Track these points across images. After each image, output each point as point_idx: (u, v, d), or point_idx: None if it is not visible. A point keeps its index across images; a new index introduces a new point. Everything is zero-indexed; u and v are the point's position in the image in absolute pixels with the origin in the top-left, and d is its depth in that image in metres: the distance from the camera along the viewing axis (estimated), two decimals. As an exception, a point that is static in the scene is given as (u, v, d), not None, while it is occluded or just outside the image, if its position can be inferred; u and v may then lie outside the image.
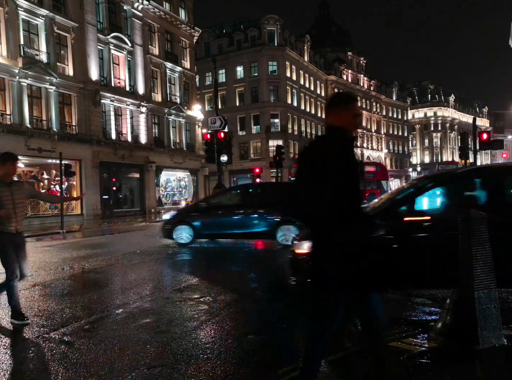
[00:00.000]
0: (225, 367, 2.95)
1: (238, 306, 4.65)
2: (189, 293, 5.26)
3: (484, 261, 3.02)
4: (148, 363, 3.08)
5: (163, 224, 10.46)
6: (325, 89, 54.36)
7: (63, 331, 3.85)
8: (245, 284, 5.78)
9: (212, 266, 7.63)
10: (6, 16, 19.19)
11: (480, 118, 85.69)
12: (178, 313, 4.43)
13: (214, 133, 16.18)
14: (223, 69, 43.37)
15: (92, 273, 6.94)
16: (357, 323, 2.73)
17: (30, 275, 6.69)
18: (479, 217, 3.07)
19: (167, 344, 3.45)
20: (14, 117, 19.39)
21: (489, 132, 14.79)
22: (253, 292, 5.35)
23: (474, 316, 2.97)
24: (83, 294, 5.35)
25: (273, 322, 4.01)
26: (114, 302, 4.90)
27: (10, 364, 3.15)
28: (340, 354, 3.06)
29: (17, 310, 4.03)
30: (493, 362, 2.88)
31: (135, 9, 26.47)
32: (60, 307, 4.71)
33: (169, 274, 7.08)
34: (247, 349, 3.30)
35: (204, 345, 3.43)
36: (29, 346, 3.52)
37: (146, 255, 8.88)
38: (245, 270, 7.06)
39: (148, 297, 5.08)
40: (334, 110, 2.38)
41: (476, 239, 3.02)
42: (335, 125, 2.34)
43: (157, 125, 28.70)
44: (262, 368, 2.94)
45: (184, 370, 2.94)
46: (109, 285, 6.06)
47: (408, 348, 3.06)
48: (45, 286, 5.93)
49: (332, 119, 2.37)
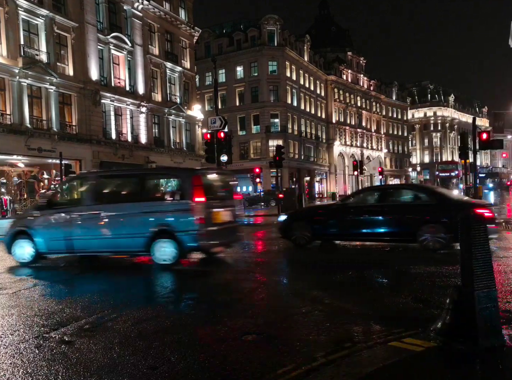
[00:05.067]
0: (224, 367, 2.95)
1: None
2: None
3: (484, 261, 3.02)
4: (148, 363, 3.08)
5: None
6: (325, 89, 54.34)
7: (63, 331, 3.85)
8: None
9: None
10: (6, 16, 19.19)
11: (480, 118, 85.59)
12: (178, 313, 4.43)
13: (214, 133, 16.18)
14: (223, 69, 43.37)
15: (92, 273, 6.94)
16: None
17: (30, 275, 6.71)
18: (480, 217, 3.08)
19: (168, 344, 3.45)
20: (14, 117, 19.39)
21: (489, 132, 14.76)
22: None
23: (473, 315, 2.97)
24: (83, 293, 5.34)
25: (274, 322, 4.02)
26: (113, 302, 4.89)
27: (10, 364, 3.15)
28: (340, 354, 3.07)
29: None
30: (493, 362, 2.88)
31: (135, 9, 26.46)
32: (60, 306, 4.71)
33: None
34: (247, 349, 3.30)
35: (204, 344, 3.43)
36: (29, 345, 3.52)
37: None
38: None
39: (147, 297, 5.08)
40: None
41: (476, 239, 3.02)
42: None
43: (157, 125, 28.69)
44: (262, 368, 2.94)
45: (184, 370, 2.94)
46: (109, 285, 6.06)
47: (408, 348, 3.06)
48: (45, 285, 5.93)
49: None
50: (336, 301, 4.63)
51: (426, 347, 3.04)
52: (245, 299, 4.91)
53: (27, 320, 4.21)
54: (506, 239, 9.56)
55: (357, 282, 5.62)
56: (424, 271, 6.07)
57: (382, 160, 64.63)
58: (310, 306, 4.38)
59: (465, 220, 3.10)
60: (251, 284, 5.72)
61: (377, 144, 65.17)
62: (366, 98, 62.08)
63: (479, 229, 3.04)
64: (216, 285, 5.81)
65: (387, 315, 4.02)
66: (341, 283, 5.56)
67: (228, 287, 5.62)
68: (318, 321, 3.91)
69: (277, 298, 5.01)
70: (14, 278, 6.52)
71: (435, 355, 2.97)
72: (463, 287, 3.11)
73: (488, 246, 3.06)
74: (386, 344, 3.20)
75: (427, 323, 3.44)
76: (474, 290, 2.98)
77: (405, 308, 4.27)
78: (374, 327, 3.66)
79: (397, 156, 70.87)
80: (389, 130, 68.82)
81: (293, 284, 5.84)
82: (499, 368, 2.83)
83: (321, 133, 53.08)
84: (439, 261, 6.88)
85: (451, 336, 3.09)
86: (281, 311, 4.33)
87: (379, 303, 4.51)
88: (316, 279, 5.92)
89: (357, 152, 58.19)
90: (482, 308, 2.98)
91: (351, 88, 58.44)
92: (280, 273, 6.85)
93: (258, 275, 6.39)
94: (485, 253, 3.04)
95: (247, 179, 40.61)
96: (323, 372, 2.79)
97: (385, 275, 6.10)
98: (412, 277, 5.70)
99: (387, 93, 68.13)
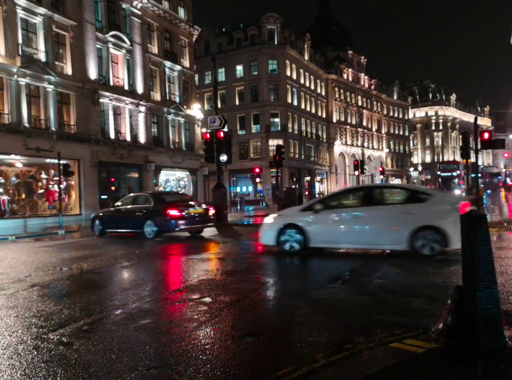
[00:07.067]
0: (224, 368, 2.93)
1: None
2: (188, 293, 5.23)
3: (485, 261, 3.00)
4: (147, 364, 3.06)
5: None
6: (325, 88, 54.29)
7: (62, 332, 3.83)
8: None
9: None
10: (4, 15, 19.14)
11: (481, 117, 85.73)
12: (178, 313, 4.41)
13: (213, 132, 16.13)
14: (222, 68, 43.31)
15: (90, 274, 6.92)
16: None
17: (28, 276, 6.68)
18: (481, 217, 3.05)
19: (167, 345, 3.43)
20: (12, 116, 19.34)
21: (491, 131, 14.74)
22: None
23: (475, 316, 2.95)
24: (82, 294, 5.32)
25: (274, 322, 3.99)
26: (113, 303, 4.87)
27: (8, 366, 3.13)
28: (340, 355, 3.04)
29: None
30: (494, 363, 2.86)
31: (134, 7, 26.40)
32: (59, 307, 4.68)
33: (167, 274, 7.05)
34: (247, 350, 3.28)
35: (203, 346, 3.40)
36: (27, 347, 3.49)
37: (144, 254, 8.85)
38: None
39: (147, 298, 5.06)
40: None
41: (477, 239, 3.00)
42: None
43: (156, 125, 28.65)
44: (262, 369, 2.91)
45: (184, 371, 2.91)
46: (108, 286, 6.03)
47: (409, 349, 3.03)
48: (43, 286, 5.90)
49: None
50: (336, 302, 4.60)
51: (427, 348, 3.02)
52: (244, 299, 4.89)
53: (26, 321, 4.19)
54: (507, 239, 9.55)
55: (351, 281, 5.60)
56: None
57: (383, 160, 64.60)
58: (310, 307, 4.36)
59: (467, 220, 3.07)
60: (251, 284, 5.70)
61: (378, 144, 65.14)
62: (367, 97, 62.03)
63: (480, 229, 3.01)
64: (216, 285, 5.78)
65: (387, 316, 4.00)
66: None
67: (227, 286, 5.59)
68: (318, 322, 3.89)
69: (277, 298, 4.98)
70: (13, 279, 6.49)
71: (436, 356, 2.95)
72: (465, 287, 3.08)
73: (489, 246, 3.03)
74: (387, 345, 3.18)
75: (428, 324, 3.42)
76: (476, 291, 2.95)
77: (406, 309, 4.25)
78: (375, 328, 3.63)
79: (398, 156, 70.86)
80: (390, 129, 68.78)
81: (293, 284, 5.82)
82: (500, 369, 2.81)
83: (321, 132, 53.05)
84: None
85: (452, 337, 3.07)
86: (281, 311, 4.31)
87: (380, 303, 4.49)
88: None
89: (358, 152, 58.12)
90: (483, 309, 2.95)
91: (352, 87, 58.37)
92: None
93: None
94: (487, 253, 3.01)
95: (247, 179, 40.62)
96: (324, 373, 2.77)
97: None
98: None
99: (388, 92, 68.09)
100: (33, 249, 10.75)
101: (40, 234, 15.26)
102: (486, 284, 2.98)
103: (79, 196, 22.37)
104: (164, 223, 11.38)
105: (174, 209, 11.38)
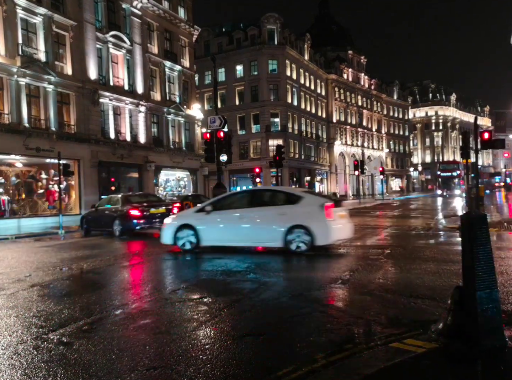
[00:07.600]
0: (224, 368, 2.92)
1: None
2: (188, 293, 5.23)
3: (485, 261, 3.00)
4: (147, 364, 3.06)
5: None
6: (325, 88, 54.28)
7: (62, 332, 3.83)
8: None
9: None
10: (4, 15, 19.12)
11: (481, 117, 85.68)
12: (178, 313, 4.41)
13: (213, 132, 16.11)
14: (222, 68, 43.29)
15: (91, 274, 6.92)
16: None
17: (28, 276, 6.67)
18: (480, 217, 3.05)
19: (166, 345, 3.43)
20: (12, 116, 19.32)
21: (491, 131, 14.73)
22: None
23: (475, 316, 2.95)
24: (82, 294, 5.32)
25: (274, 322, 3.99)
26: (112, 303, 4.87)
27: (8, 365, 3.12)
28: (340, 355, 3.04)
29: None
30: (494, 363, 2.86)
31: (134, 7, 26.39)
32: (59, 307, 4.68)
33: (169, 274, 7.05)
34: (247, 350, 3.28)
35: (203, 346, 3.40)
36: (27, 347, 3.49)
37: (145, 255, 8.85)
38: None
39: (147, 298, 5.06)
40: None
41: (477, 239, 3.00)
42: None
43: (156, 125, 28.63)
44: (262, 369, 2.91)
45: (184, 371, 2.91)
46: (108, 286, 6.03)
47: (409, 349, 3.03)
48: (43, 286, 5.90)
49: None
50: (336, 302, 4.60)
51: (427, 348, 3.02)
52: (244, 299, 4.88)
53: (26, 321, 4.18)
54: (507, 239, 9.55)
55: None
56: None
57: (383, 160, 64.59)
58: (310, 307, 4.36)
59: (467, 220, 3.07)
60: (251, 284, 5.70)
61: (378, 143, 65.11)
62: (367, 97, 62.01)
63: (481, 229, 3.01)
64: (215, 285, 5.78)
65: (387, 316, 3.99)
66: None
67: (227, 287, 5.59)
68: (318, 322, 3.88)
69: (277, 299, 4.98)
70: (13, 279, 6.49)
71: (436, 356, 2.95)
72: (465, 287, 3.08)
73: (489, 246, 3.03)
74: (387, 345, 3.18)
75: (428, 323, 3.42)
76: (476, 291, 2.95)
77: (406, 309, 4.25)
78: (375, 328, 3.63)
79: (398, 156, 70.83)
80: (390, 129, 68.75)
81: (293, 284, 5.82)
82: (500, 369, 2.80)
83: (321, 132, 53.03)
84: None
85: (452, 336, 3.07)
86: (281, 311, 4.31)
87: (380, 303, 4.48)
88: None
89: (358, 152, 58.09)
90: (483, 309, 2.95)
91: (352, 87, 58.36)
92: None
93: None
94: (487, 253, 3.01)
95: (247, 179, 40.60)
96: (324, 373, 2.77)
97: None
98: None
99: (388, 92, 68.05)
100: (33, 249, 10.75)
101: (40, 234, 15.26)
102: (486, 284, 2.98)
103: (79, 196, 22.35)
104: (126, 222, 12.31)
105: (135, 209, 12.34)
